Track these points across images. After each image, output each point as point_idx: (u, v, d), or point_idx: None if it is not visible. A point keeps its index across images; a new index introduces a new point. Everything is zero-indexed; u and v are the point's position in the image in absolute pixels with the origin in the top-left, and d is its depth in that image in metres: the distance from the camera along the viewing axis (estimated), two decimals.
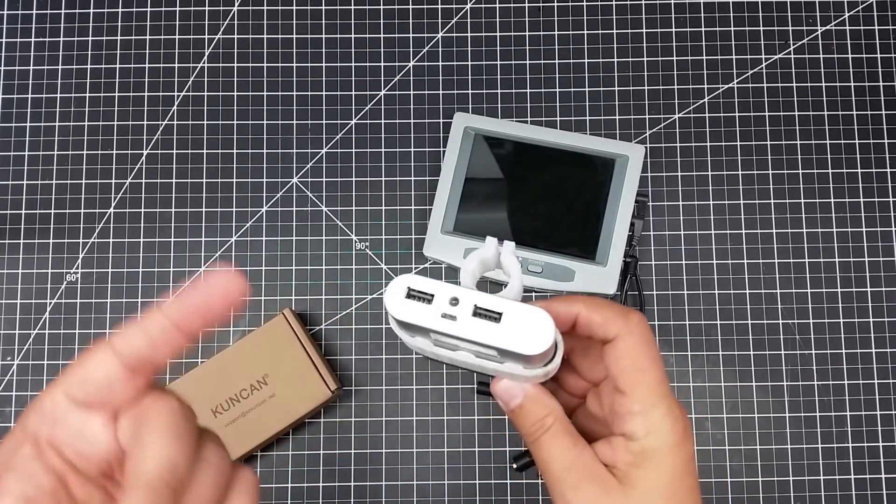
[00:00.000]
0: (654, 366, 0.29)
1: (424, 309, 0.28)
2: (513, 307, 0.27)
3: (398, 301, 0.28)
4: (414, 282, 0.28)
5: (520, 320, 0.27)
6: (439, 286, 0.28)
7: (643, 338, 0.30)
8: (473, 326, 0.27)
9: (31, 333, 0.57)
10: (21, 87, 0.59)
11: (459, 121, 0.55)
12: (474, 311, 0.28)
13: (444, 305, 0.28)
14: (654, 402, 0.29)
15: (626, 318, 0.30)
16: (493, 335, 0.27)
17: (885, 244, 0.56)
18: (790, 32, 0.59)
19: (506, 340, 0.27)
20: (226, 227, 0.58)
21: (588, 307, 0.30)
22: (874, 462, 0.54)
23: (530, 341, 0.27)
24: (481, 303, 0.28)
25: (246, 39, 0.60)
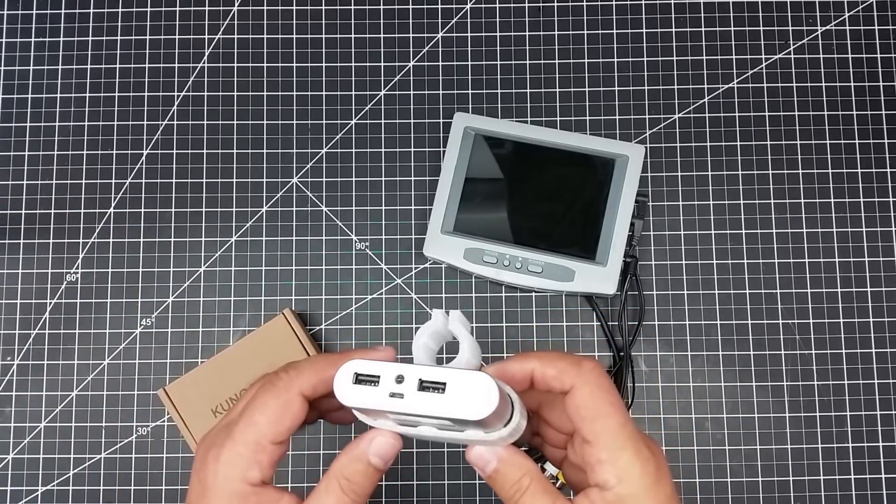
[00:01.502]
0: (614, 410, 0.29)
1: (373, 392, 0.28)
2: (455, 376, 0.28)
3: (347, 388, 0.29)
4: (360, 366, 0.29)
5: (462, 387, 0.27)
6: (385, 367, 0.29)
7: (598, 384, 0.30)
8: (420, 401, 0.28)
9: (31, 333, 0.57)
10: (21, 87, 0.59)
11: (459, 121, 0.55)
12: (419, 386, 0.28)
13: (390, 385, 0.28)
14: (620, 446, 0.29)
15: (578, 367, 0.30)
16: (439, 406, 0.28)
17: (885, 244, 0.56)
18: (790, 32, 0.59)
19: (451, 409, 0.27)
20: (226, 227, 0.57)
21: (541, 362, 0.30)
22: (874, 462, 0.54)
23: (475, 406, 0.27)
24: (425, 376, 0.28)
25: (246, 39, 0.60)
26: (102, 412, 0.56)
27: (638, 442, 0.29)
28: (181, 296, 0.57)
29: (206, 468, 0.30)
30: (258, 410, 0.30)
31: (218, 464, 0.29)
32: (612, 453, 0.29)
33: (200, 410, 0.52)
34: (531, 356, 0.31)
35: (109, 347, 0.56)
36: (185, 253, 0.57)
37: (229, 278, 0.57)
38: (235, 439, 0.30)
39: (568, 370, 0.30)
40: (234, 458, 0.29)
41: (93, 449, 0.55)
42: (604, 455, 0.29)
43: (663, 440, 0.54)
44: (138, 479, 0.55)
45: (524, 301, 0.56)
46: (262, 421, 0.30)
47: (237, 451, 0.29)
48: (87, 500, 0.55)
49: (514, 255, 0.53)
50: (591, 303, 0.56)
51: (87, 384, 0.56)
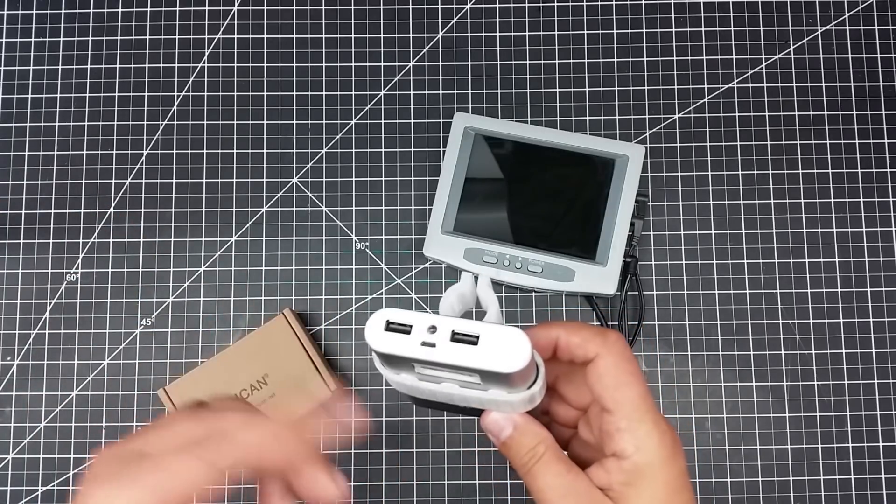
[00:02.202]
0: (635, 380, 0.30)
1: (404, 339, 0.29)
2: (489, 329, 0.28)
3: (378, 334, 0.29)
4: (392, 314, 0.29)
5: (496, 340, 0.28)
6: (417, 316, 0.29)
7: (622, 355, 0.30)
8: (453, 351, 0.28)
9: (31, 333, 0.57)
10: (21, 87, 0.59)
11: (459, 121, 0.55)
12: (452, 337, 0.28)
13: (422, 334, 0.29)
14: (639, 418, 0.29)
15: (603, 337, 0.30)
16: (472, 357, 0.28)
17: (885, 244, 0.56)
18: (790, 32, 0.59)
19: (485, 361, 0.28)
20: (226, 227, 0.58)
21: (566, 330, 0.31)
22: (874, 462, 0.54)
23: (508, 359, 0.28)
24: (458, 328, 0.28)
25: (246, 39, 0.60)
26: (102, 412, 0.56)
27: (657, 416, 0.30)
28: (181, 296, 0.57)
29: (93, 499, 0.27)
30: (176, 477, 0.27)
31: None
32: (631, 423, 0.29)
33: None
34: (556, 325, 0.31)
35: (109, 347, 0.56)
36: (185, 253, 0.57)
37: (229, 278, 0.57)
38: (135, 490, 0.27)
39: (593, 339, 0.30)
40: None
41: (93, 449, 0.55)
42: (623, 423, 0.29)
43: None
44: None
45: (524, 301, 0.56)
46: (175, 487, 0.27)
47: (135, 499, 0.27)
48: None
49: (514, 255, 0.53)
50: (591, 303, 0.56)
51: (87, 384, 0.56)
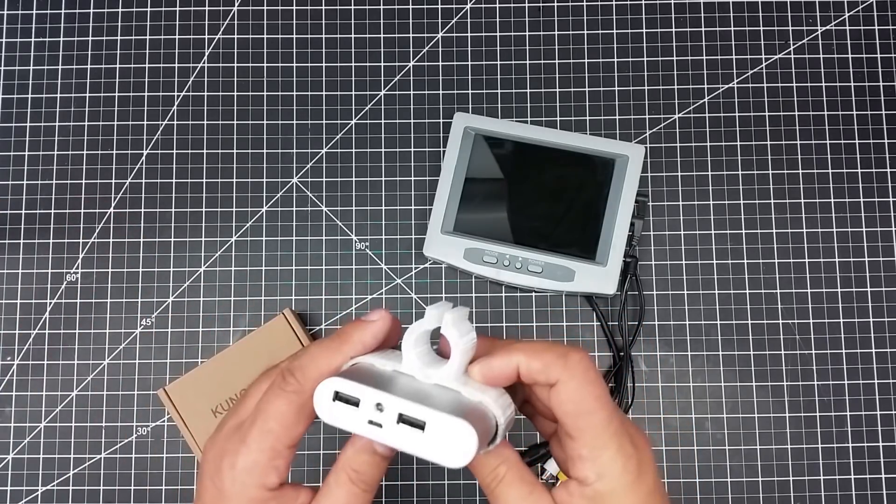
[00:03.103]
0: (598, 406, 0.29)
1: (351, 414, 0.28)
2: (436, 418, 0.27)
3: (326, 404, 0.28)
4: (341, 385, 0.28)
5: (442, 432, 0.27)
6: (365, 391, 0.28)
7: (585, 378, 0.29)
8: (398, 435, 0.27)
9: (31, 333, 0.57)
10: (21, 87, 0.59)
11: (459, 121, 0.55)
12: (399, 419, 0.27)
13: (370, 411, 0.28)
14: (602, 445, 0.28)
15: (565, 360, 0.29)
16: (416, 445, 0.27)
17: (885, 244, 0.56)
18: (790, 32, 0.59)
19: (429, 452, 0.27)
20: (226, 227, 0.57)
21: (527, 355, 0.30)
22: (874, 462, 0.54)
23: (452, 455, 0.27)
24: (406, 410, 0.27)
25: (246, 39, 0.60)
26: (102, 412, 0.56)
27: (621, 438, 0.29)
28: (181, 296, 0.57)
29: (222, 474, 0.29)
30: (272, 418, 0.30)
31: (235, 471, 0.29)
32: (593, 450, 0.28)
33: (200, 410, 0.52)
34: (516, 349, 0.30)
35: (109, 347, 0.56)
36: (185, 253, 0.57)
37: (229, 278, 0.57)
38: (251, 447, 0.29)
39: (554, 363, 0.29)
40: (251, 466, 0.29)
41: (93, 449, 0.55)
42: (585, 451, 0.28)
43: (663, 440, 0.54)
44: (138, 479, 0.55)
45: (524, 301, 0.56)
46: (276, 428, 0.29)
47: (253, 459, 0.29)
48: (87, 500, 0.55)
49: (514, 255, 0.53)
50: (591, 303, 0.56)
51: (87, 384, 0.56)
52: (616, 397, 0.54)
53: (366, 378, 0.29)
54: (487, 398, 0.29)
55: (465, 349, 0.30)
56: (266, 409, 0.30)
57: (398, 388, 0.29)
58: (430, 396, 0.28)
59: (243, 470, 0.29)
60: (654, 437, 0.54)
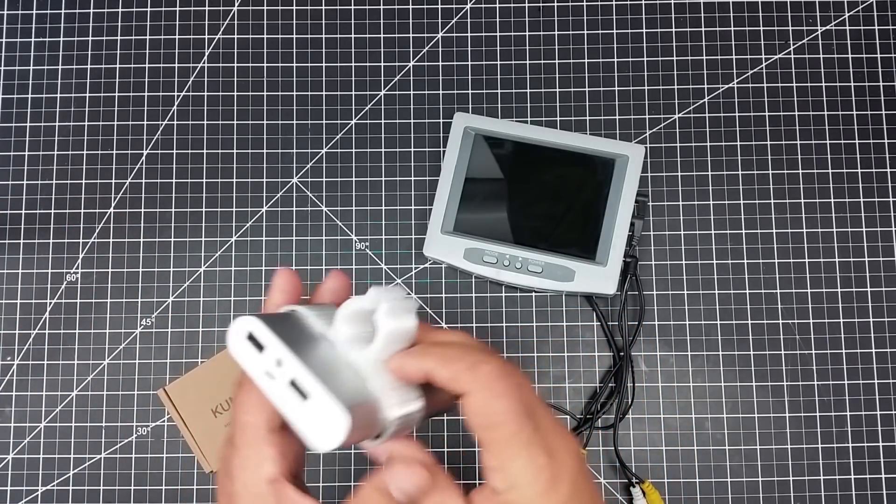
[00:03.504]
0: (506, 419, 0.28)
1: (254, 358, 0.28)
2: (319, 395, 0.26)
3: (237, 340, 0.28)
4: (255, 327, 0.28)
5: (320, 411, 0.26)
6: (273, 343, 0.27)
7: (492, 391, 0.28)
8: (284, 396, 0.27)
9: (31, 333, 0.57)
10: (21, 87, 0.59)
11: (459, 121, 0.55)
12: (291, 380, 0.27)
13: (269, 363, 0.27)
14: (512, 455, 0.28)
15: (474, 371, 0.28)
16: (294, 414, 0.27)
17: (885, 244, 0.56)
18: (790, 32, 0.59)
19: (302, 425, 0.27)
20: (226, 227, 0.57)
21: (438, 362, 0.29)
22: (874, 462, 0.54)
23: (319, 436, 0.26)
24: (297, 377, 0.27)
25: (246, 39, 0.60)
26: (102, 412, 0.56)
27: (532, 448, 0.28)
28: (181, 296, 0.57)
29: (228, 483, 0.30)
30: (244, 411, 0.30)
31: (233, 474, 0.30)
32: (502, 461, 0.28)
33: (200, 410, 0.52)
34: (431, 354, 0.29)
35: (109, 347, 0.56)
36: (185, 253, 0.57)
37: (229, 278, 0.57)
38: (237, 445, 0.30)
39: (463, 374, 0.28)
40: (244, 464, 0.29)
41: (93, 449, 0.55)
42: (494, 462, 0.28)
43: (663, 440, 0.54)
44: (138, 479, 0.55)
45: (524, 301, 0.56)
46: (251, 419, 0.30)
47: (243, 456, 0.30)
48: (87, 500, 0.55)
49: (514, 255, 0.53)
50: (591, 303, 0.56)
51: (87, 384, 0.56)
52: (616, 397, 0.54)
53: (285, 330, 0.29)
54: (391, 394, 0.29)
55: (391, 339, 0.30)
56: (236, 408, 0.30)
57: (308, 352, 0.28)
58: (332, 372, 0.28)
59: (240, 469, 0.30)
60: (654, 438, 0.54)
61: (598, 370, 0.56)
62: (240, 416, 0.30)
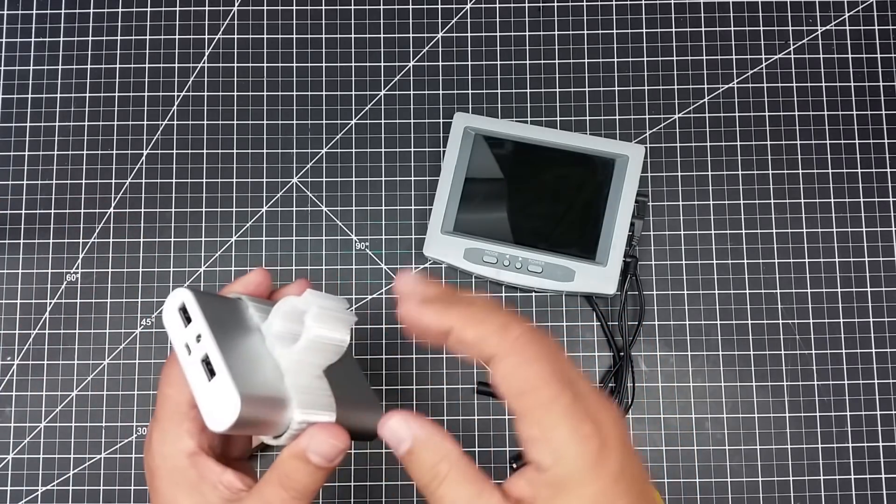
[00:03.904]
0: (543, 383, 0.25)
1: (179, 329, 0.28)
2: (222, 376, 0.27)
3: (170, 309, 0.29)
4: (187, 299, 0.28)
5: (219, 392, 0.26)
6: (198, 318, 0.28)
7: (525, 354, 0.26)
8: (194, 371, 0.27)
9: (31, 333, 0.57)
10: (21, 87, 0.59)
11: (459, 121, 0.55)
12: (203, 359, 0.27)
13: (190, 337, 0.28)
14: (553, 424, 0.25)
15: (502, 334, 0.26)
16: (199, 389, 0.27)
17: (885, 244, 0.56)
18: (790, 32, 0.59)
19: (201, 401, 0.27)
20: (226, 227, 0.58)
21: (462, 321, 0.26)
22: (874, 462, 0.54)
23: (212, 415, 0.27)
24: (210, 354, 0.27)
25: (246, 39, 0.60)
26: (102, 412, 0.56)
27: (575, 416, 0.25)
28: None
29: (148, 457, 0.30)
30: (165, 384, 0.30)
31: (152, 448, 0.30)
32: (545, 430, 0.25)
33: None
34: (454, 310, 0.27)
35: (109, 347, 0.56)
36: (185, 253, 0.57)
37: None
38: (158, 419, 0.30)
39: (490, 337, 0.26)
40: (162, 437, 0.29)
41: (93, 449, 0.55)
42: (535, 432, 0.25)
43: (663, 440, 0.54)
44: (138, 479, 0.55)
45: (524, 301, 0.56)
46: (172, 392, 0.30)
47: (162, 428, 0.30)
48: (87, 500, 0.55)
49: (514, 255, 0.53)
50: (591, 303, 0.56)
51: (87, 384, 0.56)
52: (616, 397, 0.54)
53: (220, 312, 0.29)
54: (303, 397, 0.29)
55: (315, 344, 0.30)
56: (161, 380, 0.31)
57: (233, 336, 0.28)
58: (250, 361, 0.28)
59: (157, 442, 0.30)
60: (654, 437, 0.54)
61: (598, 370, 0.56)
62: (164, 389, 0.30)
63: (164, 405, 0.30)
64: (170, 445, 0.29)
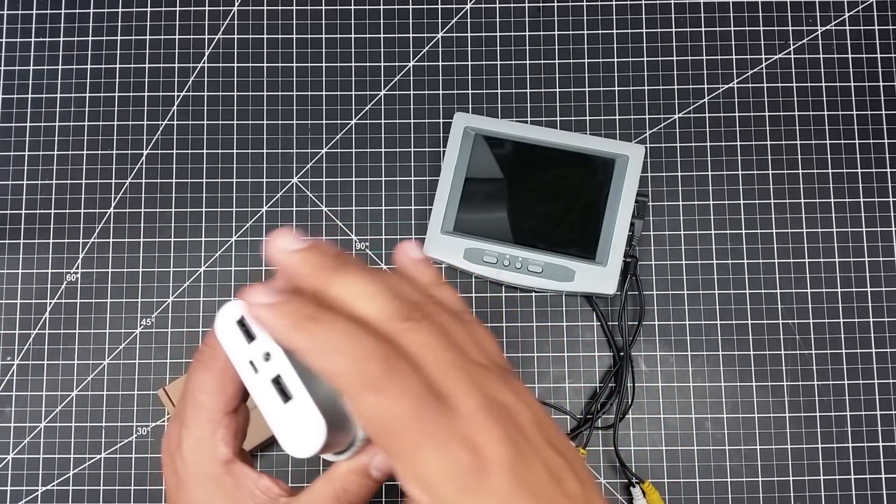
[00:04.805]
0: (408, 419, 0.24)
1: (241, 345, 0.27)
2: (302, 401, 0.26)
3: (227, 322, 0.27)
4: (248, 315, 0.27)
5: (300, 417, 0.26)
6: (265, 335, 0.27)
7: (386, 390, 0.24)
8: (264, 391, 0.26)
9: (31, 333, 0.57)
10: (21, 87, 0.59)
11: (459, 121, 0.55)
12: (274, 378, 0.26)
13: (256, 354, 0.27)
14: (422, 457, 0.23)
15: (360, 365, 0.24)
16: (272, 412, 0.26)
17: (885, 244, 0.56)
18: (790, 32, 0.59)
19: (278, 427, 0.26)
20: (226, 227, 0.58)
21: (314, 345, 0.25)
22: (874, 462, 0.54)
23: (297, 443, 0.26)
24: (284, 375, 0.26)
25: (246, 39, 0.60)
26: (102, 412, 0.56)
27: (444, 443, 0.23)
28: (181, 296, 0.57)
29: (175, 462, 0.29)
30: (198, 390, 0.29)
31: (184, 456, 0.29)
32: (412, 465, 0.24)
33: None
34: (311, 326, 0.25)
35: (109, 347, 0.56)
36: (185, 253, 0.57)
37: (229, 278, 0.57)
38: (189, 425, 0.29)
39: (341, 372, 0.24)
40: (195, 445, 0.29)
41: (93, 449, 0.55)
42: (404, 467, 0.24)
43: (663, 440, 0.54)
44: (138, 479, 0.55)
45: (524, 301, 0.56)
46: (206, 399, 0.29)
47: (195, 437, 0.29)
48: (87, 500, 0.55)
49: (514, 255, 0.53)
50: (591, 303, 0.56)
51: (87, 384, 0.56)
52: (616, 397, 0.54)
53: None
54: None
55: None
56: (191, 385, 0.30)
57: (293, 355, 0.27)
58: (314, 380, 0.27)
59: (190, 450, 0.29)
60: (654, 437, 0.54)
61: (598, 370, 0.56)
62: (196, 396, 0.29)
63: (197, 412, 0.29)
64: (205, 454, 0.29)
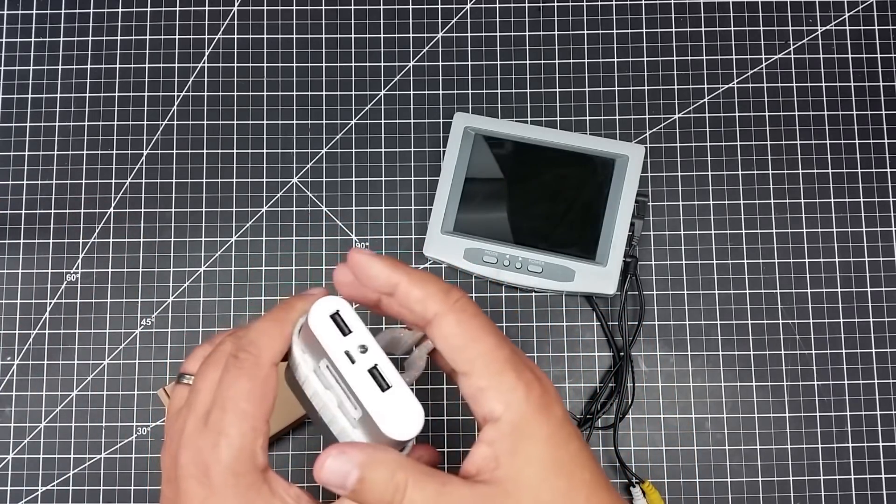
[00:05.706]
0: (484, 333, 0.27)
1: (336, 337, 0.28)
2: (402, 388, 0.28)
3: (321, 316, 0.29)
4: (345, 309, 0.29)
5: (400, 403, 0.27)
6: (360, 327, 0.29)
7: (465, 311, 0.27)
8: (362, 381, 0.28)
9: (31, 333, 0.57)
10: (21, 87, 0.59)
11: (459, 121, 0.55)
12: (371, 368, 0.28)
13: (352, 346, 0.28)
14: (498, 370, 0.26)
15: (446, 294, 0.28)
16: (372, 399, 0.28)
17: (885, 244, 0.56)
18: (790, 32, 0.59)
19: (379, 412, 0.27)
20: (226, 227, 0.58)
21: (410, 279, 0.28)
22: (874, 462, 0.54)
23: (397, 425, 0.27)
24: (381, 366, 0.28)
25: (246, 39, 0.60)
26: (102, 412, 0.56)
27: (518, 365, 0.27)
28: (181, 296, 0.57)
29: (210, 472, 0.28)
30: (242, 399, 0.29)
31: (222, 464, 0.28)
32: (491, 378, 0.26)
33: None
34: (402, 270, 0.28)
35: (109, 347, 0.56)
36: (185, 253, 0.57)
37: (229, 278, 0.57)
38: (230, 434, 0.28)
39: (435, 295, 0.27)
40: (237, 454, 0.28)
41: (93, 449, 0.55)
42: (483, 381, 0.26)
43: (663, 440, 0.54)
44: (138, 479, 0.55)
45: (524, 301, 0.56)
46: (249, 408, 0.29)
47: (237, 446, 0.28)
48: (87, 500, 0.55)
49: (514, 255, 0.53)
50: (591, 303, 0.56)
51: (87, 384, 0.56)
52: (616, 397, 0.54)
53: None
54: None
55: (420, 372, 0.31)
56: (231, 392, 0.29)
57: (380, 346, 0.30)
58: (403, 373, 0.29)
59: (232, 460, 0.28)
60: (654, 437, 0.54)
61: (598, 370, 0.56)
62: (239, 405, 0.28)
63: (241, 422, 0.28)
64: (247, 463, 0.28)
